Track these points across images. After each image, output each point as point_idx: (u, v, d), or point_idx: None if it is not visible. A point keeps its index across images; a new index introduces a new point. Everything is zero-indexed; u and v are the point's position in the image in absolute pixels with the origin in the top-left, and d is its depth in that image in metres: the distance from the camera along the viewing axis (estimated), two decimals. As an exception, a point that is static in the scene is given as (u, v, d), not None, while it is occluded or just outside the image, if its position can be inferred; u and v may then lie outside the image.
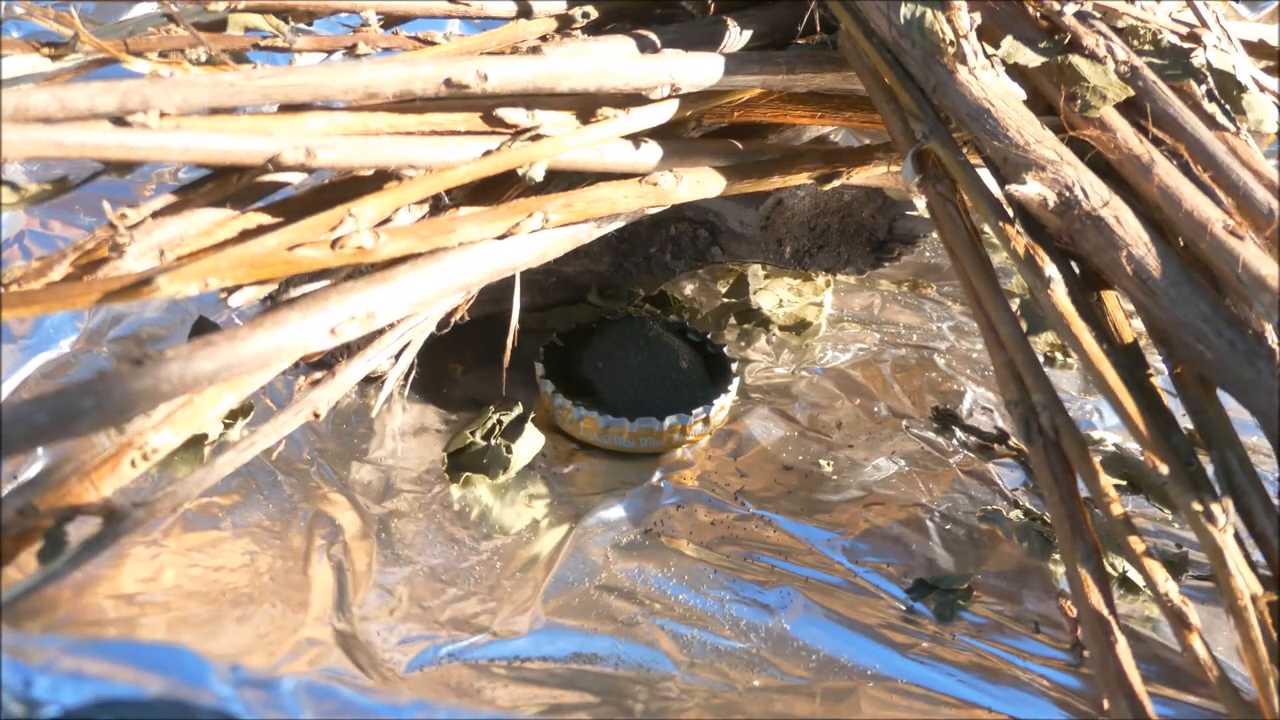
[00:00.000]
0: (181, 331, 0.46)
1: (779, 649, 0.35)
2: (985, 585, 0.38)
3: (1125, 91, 0.28)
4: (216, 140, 0.26)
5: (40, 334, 0.46)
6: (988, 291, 0.28)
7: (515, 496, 0.41)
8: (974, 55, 0.29)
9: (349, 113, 0.29)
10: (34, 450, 0.39)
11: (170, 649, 0.24)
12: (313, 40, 0.35)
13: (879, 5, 0.31)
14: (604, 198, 0.32)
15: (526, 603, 0.36)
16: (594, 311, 0.48)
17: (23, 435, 0.21)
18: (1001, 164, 0.28)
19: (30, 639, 0.23)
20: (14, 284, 0.25)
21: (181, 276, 0.25)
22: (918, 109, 0.30)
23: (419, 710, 0.26)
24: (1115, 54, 0.29)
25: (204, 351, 0.24)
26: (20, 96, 0.23)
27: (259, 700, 0.23)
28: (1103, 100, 0.28)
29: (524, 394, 0.45)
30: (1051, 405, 0.26)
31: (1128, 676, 0.23)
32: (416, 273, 0.28)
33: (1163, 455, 0.24)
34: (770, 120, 0.40)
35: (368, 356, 0.33)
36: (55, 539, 0.26)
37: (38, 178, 0.27)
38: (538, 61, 0.31)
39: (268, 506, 0.39)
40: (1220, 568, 0.23)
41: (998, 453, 0.44)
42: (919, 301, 0.54)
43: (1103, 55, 0.29)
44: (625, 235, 0.46)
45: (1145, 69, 0.29)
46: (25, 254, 0.51)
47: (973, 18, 0.30)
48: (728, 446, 0.44)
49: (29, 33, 0.38)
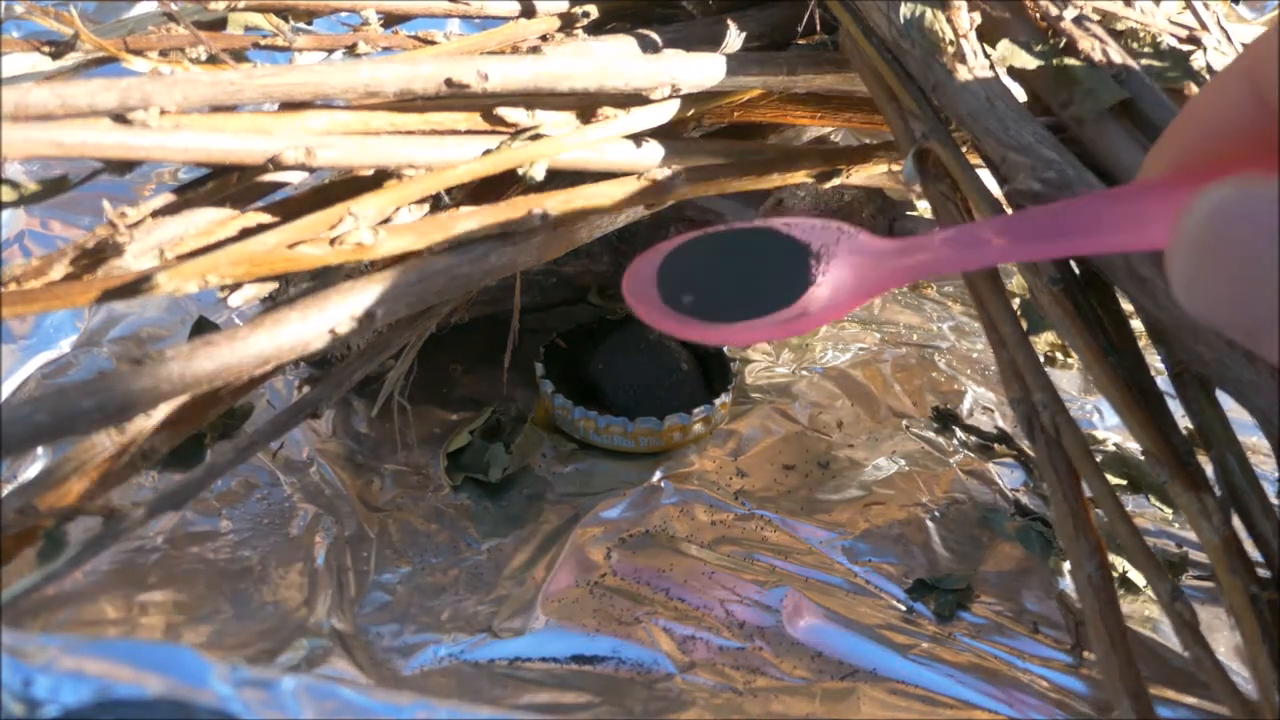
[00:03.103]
0: (181, 331, 0.47)
1: (779, 649, 0.35)
2: (985, 585, 0.38)
3: (1120, 95, 0.28)
4: (216, 139, 0.26)
5: (40, 334, 0.46)
6: (989, 290, 0.28)
7: (515, 496, 0.41)
8: (973, 55, 0.29)
9: (349, 112, 0.29)
10: (34, 450, 0.39)
11: (170, 649, 0.24)
12: (313, 39, 0.35)
13: (879, 5, 0.31)
14: (604, 196, 0.32)
15: (526, 603, 0.36)
16: (594, 311, 0.48)
17: (23, 435, 0.21)
18: (1000, 163, 0.28)
19: (30, 639, 0.23)
20: (14, 283, 0.25)
21: (181, 275, 0.25)
22: (918, 109, 0.30)
23: (419, 710, 0.26)
24: (1111, 58, 0.29)
25: (204, 351, 0.24)
26: (20, 93, 0.23)
27: (259, 700, 0.23)
28: (1097, 103, 0.28)
29: (524, 394, 0.45)
30: (1052, 404, 0.26)
31: (1134, 676, 0.23)
32: (416, 272, 0.28)
33: (1162, 455, 0.24)
34: (770, 120, 0.40)
35: (368, 356, 0.33)
36: (55, 539, 0.26)
37: (37, 177, 0.27)
38: (538, 61, 0.31)
39: (267, 506, 0.39)
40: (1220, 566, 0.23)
41: (998, 453, 0.44)
42: (919, 301, 0.54)
43: (1098, 59, 0.29)
44: (625, 235, 0.46)
45: (1142, 73, 0.29)
46: (25, 253, 0.51)
47: (972, 17, 0.30)
48: (728, 446, 0.44)
49: (29, 32, 0.38)
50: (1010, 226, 0.23)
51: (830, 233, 0.25)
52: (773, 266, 0.25)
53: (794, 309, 0.24)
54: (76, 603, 0.34)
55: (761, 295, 0.24)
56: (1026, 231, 0.22)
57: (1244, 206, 0.17)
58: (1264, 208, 0.17)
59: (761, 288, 0.24)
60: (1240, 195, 0.18)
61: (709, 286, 0.25)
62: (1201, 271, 0.18)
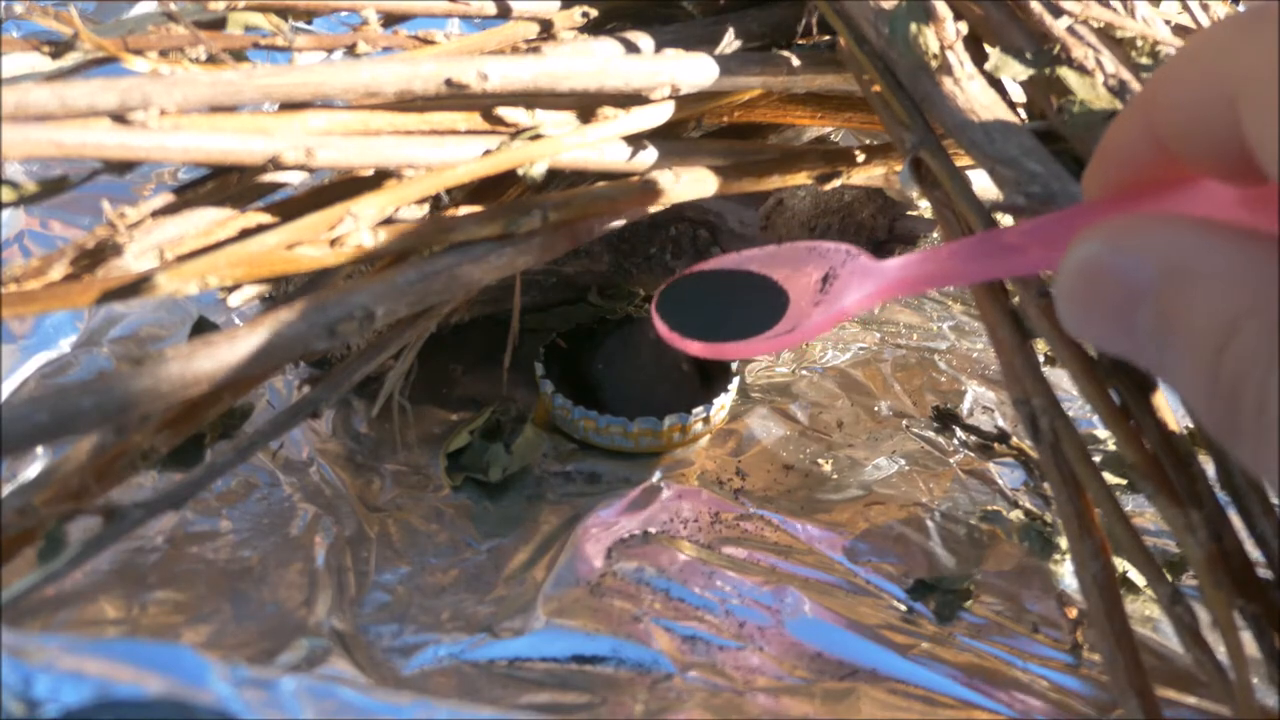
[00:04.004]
0: (181, 331, 0.47)
1: (779, 649, 0.35)
2: (985, 585, 0.38)
3: (1113, 104, 0.28)
4: (216, 140, 0.26)
5: (40, 334, 0.46)
6: (989, 292, 0.28)
7: (515, 496, 0.41)
8: (959, 66, 0.29)
9: (349, 112, 0.29)
10: (34, 450, 0.39)
11: (170, 649, 0.24)
12: (313, 39, 0.35)
13: (867, 16, 0.31)
14: (604, 196, 0.32)
15: (526, 603, 0.36)
16: (594, 311, 0.48)
17: (23, 435, 0.21)
18: (990, 174, 0.28)
19: (30, 639, 0.23)
20: (13, 283, 0.25)
21: (181, 275, 0.25)
22: (908, 118, 0.30)
23: (419, 710, 0.26)
24: (1104, 66, 0.29)
25: (204, 351, 0.24)
26: (20, 93, 0.23)
27: (259, 700, 0.23)
28: (1090, 113, 0.28)
29: (524, 394, 0.45)
30: (1051, 409, 0.26)
31: (1139, 675, 0.23)
32: (416, 272, 0.28)
33: (1148, 470, 0.24)
34: (770, 120, 0.40)
35: (368, 356, 0.33)
36: (55, 539, 0.26)
37: (37, 177, 0.27)
38: (538, 61, 0.31)
39: (267, 506, 0.39)
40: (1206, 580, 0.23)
41: (998, 452, 0.44)
42: (919, 301, 0.54)
43: (1091, 68, 0.29)
44: (625, 235, 0.46)
45: (1135, 83, 0.29)
46: (25, 254, 0.51)
47: (959, 28, 0.30)
48: (728, 446, 0.44)
49: (29, 32, 0.38)
50: (962, 250, 0.24)
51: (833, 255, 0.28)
52: (755, 298, 0.29)
53: (784, 325, 0.28)
54: (76, 603, 0.34)
55: (746, 322, 0.29)
56: (979, 253, 0.24)
57: (1108, 262, 0.18)
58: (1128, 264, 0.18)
59: (745, 316, 0.29)
60: (1105, 251, 0.18)
61: (704, 313, 0.29)
62: (1075, 317, 0.19)
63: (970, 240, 0.25)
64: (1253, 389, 0.16)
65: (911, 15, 0.29)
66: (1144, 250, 0.18)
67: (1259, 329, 0.16)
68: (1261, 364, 0.16)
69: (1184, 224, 0.17)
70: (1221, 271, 0.16)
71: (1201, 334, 0.17)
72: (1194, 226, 0.17)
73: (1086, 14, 0.30)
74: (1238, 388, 0.16)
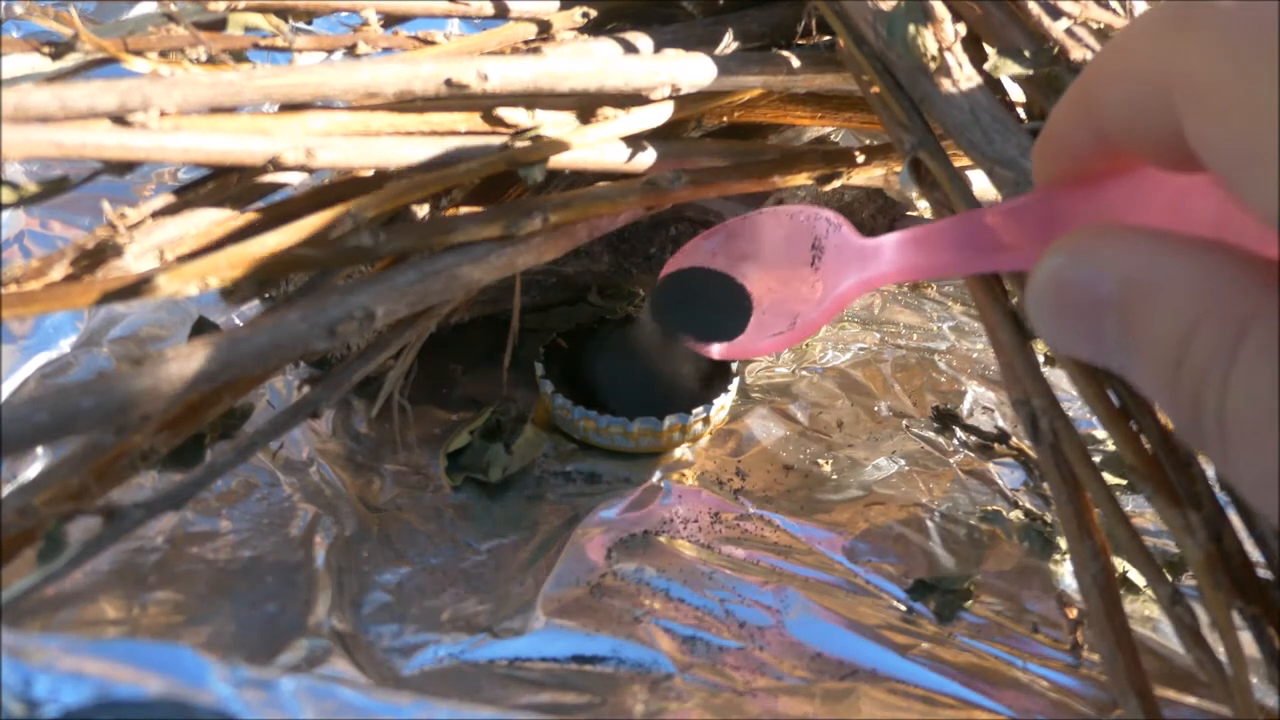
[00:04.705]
0: (181, 331, 0.47)
1: (779, 649, 0.35)
2: (985, 585, 0.38)
3: None
4: (216, 140, 0.26)
5: (40, 334, 0.46)
6: (988, 293, 0.28)
7: (515, 496, 0.41)
8: (958, 67, 0.29)
9: (349, 112, 0.29)
10: (34, 450, 0.39)
11: (170, 649, 0.24)
12: (313, 40, 0.35)
13: (866, 17, 0.31)
14: (604, 196, 0.32)
15: (526, 603, 0.36)
16: (594, 311, 0.48)
17: (23, 435, 0.21)
18: (989, 174, 0.28)
19: (30, 639, 0.23)
20: (13, 284, 0.25)
21: (181, 276, 0.25)
22: (907, 119, 0.30)
23: (419, 710, 0.26)
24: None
25: (204, 351, 0.24)
26: (20, 95, 0.23)
27: (259, 700, 0.23)
28: None
29: (524, 394, 0.45)
30: (1050, 410, 0.26)
31: (1139, 675, 0.23)
32: (416, 272, 0.28)
33: (1147, 471, 0.24)
34: (770, 121, 0.40)
35: (368, 356, 0.33)
36: (55, 539, 0.26)
37: (37, 177, 0.27)
38: (538, 62, 0.31)
39: (267, 506, 0.39)
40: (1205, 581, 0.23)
41: (998, 452, 0.44)
42: (919, 301, 0.54)
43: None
44: (625, 235, 0.46)
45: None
46: (25, 254, 0.51)
47: (957, 29, 0.30)
48: (728, 446, 0.44)
49: (29, 32, 0.38)
50: (946, 232, 0.25)
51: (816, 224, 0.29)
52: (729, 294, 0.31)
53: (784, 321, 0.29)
54: (76, 603, 0.34)
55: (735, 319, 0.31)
56: (962, 236, 0.25)
57: (1071, 276, 0.19)
58: (1090, 277, 0.19)
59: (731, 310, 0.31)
60: (1069, 265, 0.19)
61: (703, 313, 0.31)
62: (1047, 328, 0.20)
63: (953, 220, 0.25)
64: (1212, 391, 0.16)
65: (910, 16, 0.30)
66: (1105, 263, 0.18)
67: (1215, 332, 0.16)
68: (1219, 366, 0.16)
69: (1142, 236, 0.18)
70: (1179, 281, 0.17)
71: (1162, 341, 0.17)
72: (1151, 238, 0.18)
73: (1085, 15, 0.30)
74: (1198, 391, 0.17)
